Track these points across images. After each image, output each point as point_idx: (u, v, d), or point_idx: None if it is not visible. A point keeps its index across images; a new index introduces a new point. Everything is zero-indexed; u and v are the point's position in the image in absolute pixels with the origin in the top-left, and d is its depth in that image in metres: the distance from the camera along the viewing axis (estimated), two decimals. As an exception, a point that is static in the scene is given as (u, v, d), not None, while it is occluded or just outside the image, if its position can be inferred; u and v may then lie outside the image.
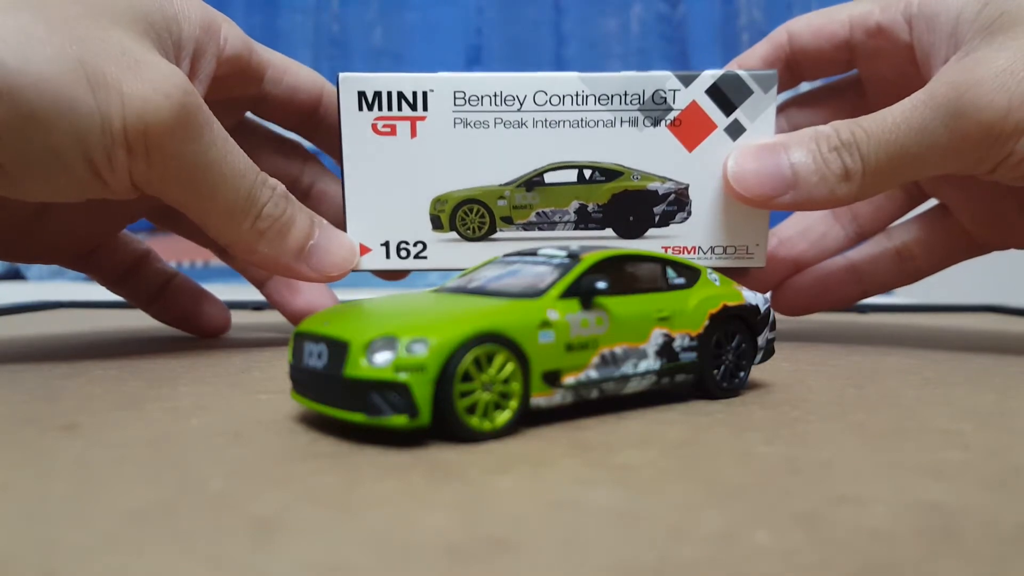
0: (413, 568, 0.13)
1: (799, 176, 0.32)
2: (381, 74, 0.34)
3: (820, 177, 0.32)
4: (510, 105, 0.33)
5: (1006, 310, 0.63)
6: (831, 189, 0.32)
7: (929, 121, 0.30)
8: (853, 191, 0.32)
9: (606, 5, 1.95)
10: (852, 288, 0.43)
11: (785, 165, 0.33)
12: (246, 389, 0.27)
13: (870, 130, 0.31)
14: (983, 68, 0.30)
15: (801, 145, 0.33)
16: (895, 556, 0.13)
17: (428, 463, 0.18)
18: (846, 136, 0.32)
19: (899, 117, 0.31)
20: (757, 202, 0.33)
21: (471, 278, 0.25)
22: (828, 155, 0.32)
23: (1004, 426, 0.22)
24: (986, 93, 0.29)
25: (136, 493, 0.16)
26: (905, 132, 0.31)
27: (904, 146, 0.31)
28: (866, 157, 0.31)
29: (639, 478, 0.17)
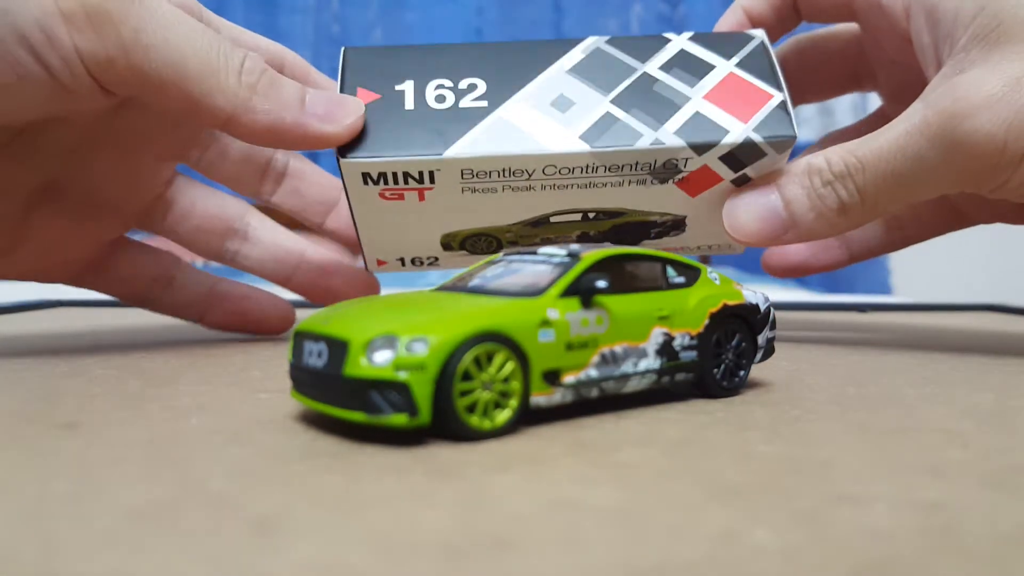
0: (413, 567, 0.13)
1: (795, 215, 0.32)
2: (384, 158, 0.31)
3: (817, 214, 0.32)
4: (519, 176, 0.32)
5: (1006, 310, 0.63)
6: (830, 223, 0.32)
7: (924, 151, 0.30)
8: (853, 222, 0.32)
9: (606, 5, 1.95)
10: (839, 253, 0.43)
11: (779, 206, 0.32)
12: (246, 388, 0.27)
13: (864, 159, 0.31)
14: (977, 94, 0.29)
15: (794, 182, 0.32)
16: (895, 555, 0.13)
17: (428, 462, 0.18)
18: (839, 168, 0.31)
19: (893, 144, 0.30)
20: (759, 244, 0.33)
21: (471, 277, 0.25)
22: (823, 191, 0.31)
23: (1004, 425, 0.22)
24: (982, 124, 0.29)
25: (136, 492, 0.16)
26: (900, 160, 0.30)
27: (899, 174, 0.30)
28: (862, 188, 0.31)
29: (639, 477, 0.17)
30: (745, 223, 0.33)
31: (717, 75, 0.33)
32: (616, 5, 1.88)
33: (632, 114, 0.32)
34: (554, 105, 0.32)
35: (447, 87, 0.32)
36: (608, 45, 0.33)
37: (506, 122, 0.31)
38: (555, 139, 0.31)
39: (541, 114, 0.31)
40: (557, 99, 0.32)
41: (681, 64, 0.33)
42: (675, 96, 0.32)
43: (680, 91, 0.32)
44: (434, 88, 0.32)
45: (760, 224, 0.32)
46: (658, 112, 0.32)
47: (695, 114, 0.32)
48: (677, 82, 0.33)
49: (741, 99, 0.32)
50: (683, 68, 0.33)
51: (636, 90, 0.32)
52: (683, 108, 0.32)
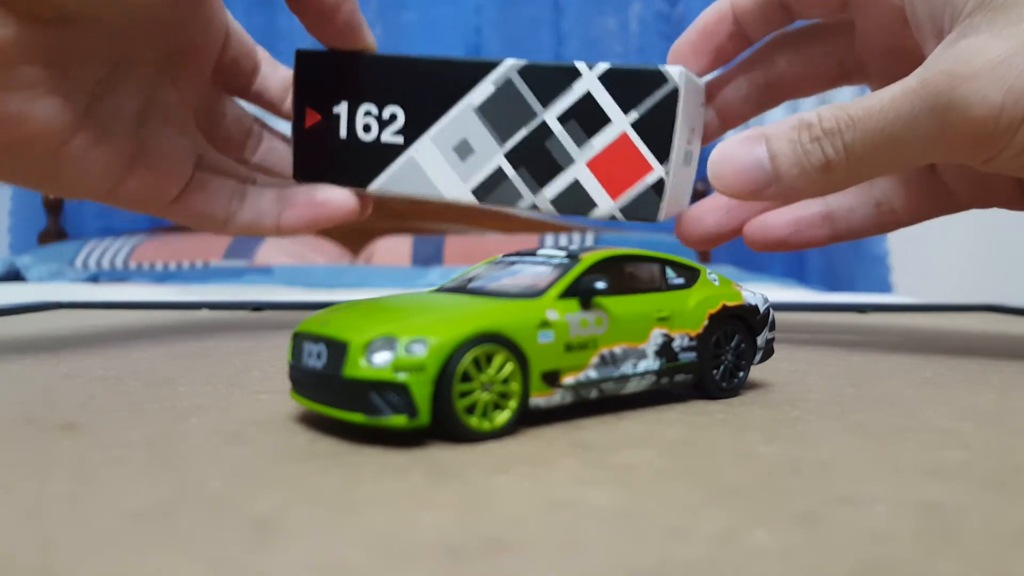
0: (412, 568, 0.13)
1: (779, 169, 0.31)
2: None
3: (800, 169, 0.31)
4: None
5: (1006, 310, 0.63)
6: (813, 181, 0.31)
7: (919, 112, 0.29)
8: (837, 181, 0.31)
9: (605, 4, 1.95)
10: (824, 232, 0.41)
11: (764, 158, 0.31)
12: (245, 389, 0.27)
13: (856, 117, 0.30)
14: (979, 58, 0.28)
15: (782, 135, 0.31)
16: (894, 556, 0.13)
17: (427, 463, 0.18)
18: (829, 124, 0.30)
19: (887, 104, 0.29)
20: (740, 197, 0.32)
21: (470, 278, 0.25)
22: (809, 146, 0.31)
23: (1004, 426, 0.22)
24: (981, 87, 0.28)
25: (135, 493, 0.16)
26: (893, 120, 0.29)
27: (891, 135, 0.29)
28: (849, 146, 0.30)
29: (638, 478, 0.17)
30: (728, 174, 0.32)
31: (609, 135, 0.32)
32: (615, 4, 1.88)
33: (519, 172, 0.32)
34: (456, 151, 0.33)
35: (373, 115, 0.34)
36: (519, 77, 0.33)
37: (415, 164, 0.34)
38: (452, 188, 0.33)
39: (444, 160, 0.34)
40: (459, 144, 0.33)
41: (579, 114, 0.32)
42: (562, 157, 0.32)
43: (568, 151, 0.32)
44: (363, 115, 0.35)
45: (743, 176, 0.31)
46: (542, 174, 0.32)
47: (574, 182, 0.32)
48: (568, 139, 0.32)
49: (622, 169, 0.32)
50: (580, 120, 0.32)
51: (529, 143, 0.33)
52: (565, 172, 0.32)
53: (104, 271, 1.45)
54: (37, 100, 0.30)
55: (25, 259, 1.42)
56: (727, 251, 1.79)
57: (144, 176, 0.35)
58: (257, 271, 1.28)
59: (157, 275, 1.38)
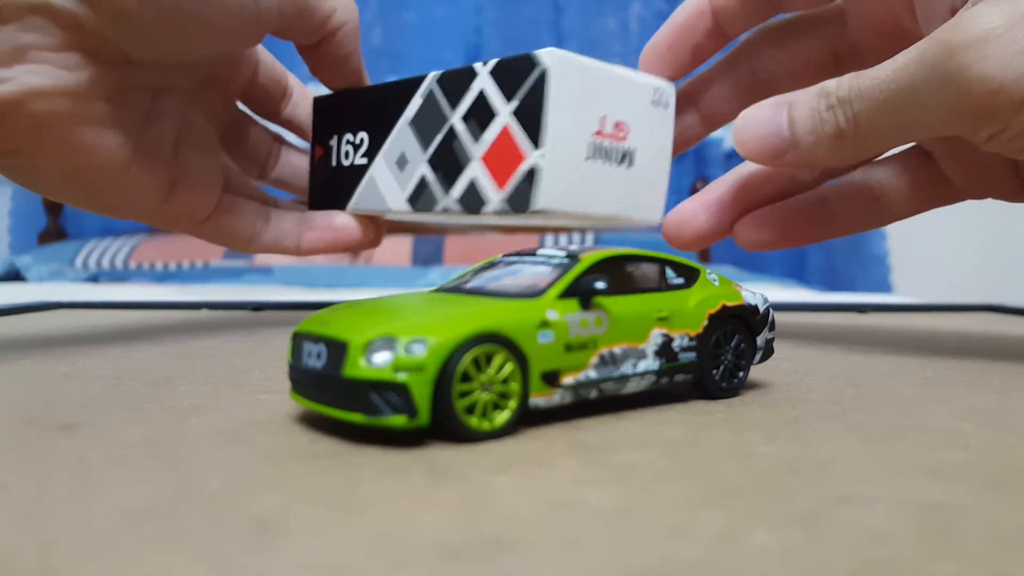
0: (412, 568, 0.13)
1: (797, 135, 0.31)
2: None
3: (816, 137, 0.31)
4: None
5: (1006, 310, 0.63)
6: (827, 149, 0.31)
7: (919, 83, 0.28)
8: (848, 151, 0.31)
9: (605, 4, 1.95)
10: (821, 228, 0.40)
11: (784, 124, 0.31)
12: (245, 389, 0.27)
13: (863, 87, 0.30)
14: (975, 27, 0.27)
15: (804, 102, 0.31)
16: (894, 556, 0.13)
17: (427, 463, 0.18)
18: (843, 93, 0.30)
19: (890, 75, 0.29)
20: (760, 162, 0.33)
21: (470, 278, 0.25)
22: (825, 114, 0.31)
23: (1004, 426, 0.22)
24: (975, 60, 0.27)
25: (135, 493, 0.16)
26: (895, 91, 0.29)
27: (894, 106, 0.29)
28: (857, 115, 0.30)
29: (638, 478, 0.17)
30: (748, 138, 0.32)
31: (495, 128, 0.32)
32: (615, 4, 1.88)
33: (437, 176, 0.33)
34: (398, 164, 0.35)
35: (350, 142, 0.38)
36: (437, 87, 0.34)
37: (373, 182, 0.36)
38: (395, 200, 0.35)
39: (390, 173, 0.36)
40: (399, 158, 0.35)
41: (476, 112, 0.32)
42: (463, 156, 0.33)
43: (468, 150, 0.32)
44: (345, 143, 0.38)
45: (763, 141, 0.32)
46: (451, 175, 0.33)
47: (472, 180, 0.32)
48: (468, 138, 0.33)
49: (506, 160, 0.31)
50: (476, 118, 0.32)
51: (443, 147, 0.33)
52: (466, 171, 0.32)
53: (104, 271, 1.45)
54: (105, 132, 0.32)
55: (25, 259, 1.42)
56: (727, 251, 1.79)
57: (181, 198, 0.37)
58: (257, 271, 1.28)
59: (157, 275, 1.38)
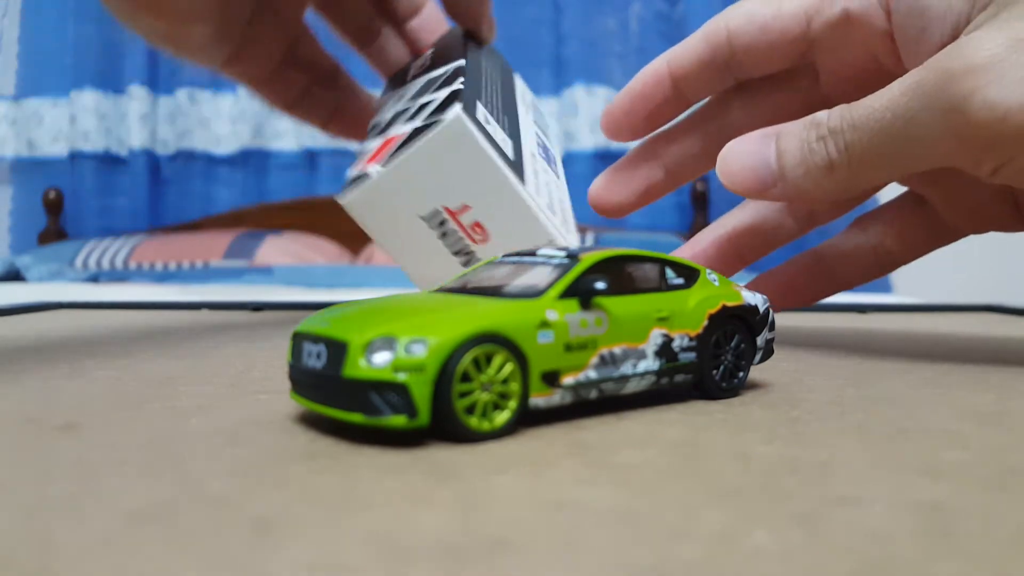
0: (412, 568, 0.13)
1: (784, 168, 0.30)
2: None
3: (805, 169, 0.30)
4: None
5: (1006, 310, 0.63)
6: (816, 182, 0.29)
7: (916, 111, 0.27)
8: (840, 184, 0.29)
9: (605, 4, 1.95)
10: (822, 286, 0.39)
11: (771, 156, 0.30)
12: (245, 389, 0.27)
13: (855, 117, 0.28)
14: (977, 54, 0.26)
15: (794, 133, 0.30)
16: (894, 556, 0.13)
17: (427, 463, 0.18)
18: (834, 123, 0.29)
19: (884, 103, 0.28)
20: (747, 195, 0.31)
21: (470, 278, 0.25)
22: (815, 145, 0.29)
23: (1004, 426, 0.22)
24: (979, 87, 0.25)
25: (135, 493, 0.16)
26: (890, 120, 0.27)
27: (889, 136, 0.28)
28: (850, 147, 0.28)
29: (638, 478, 0.17)
30: (735, 169, 0.31)
31: (392, 132, 0.36)
32: (615, 3, 1.88)
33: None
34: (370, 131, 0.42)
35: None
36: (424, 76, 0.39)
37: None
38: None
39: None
40: (372, 126, 0.42)
41: (411, 114, 0.37)
42: (366, 145, 0.38)
43: (371, 141, 0.38)
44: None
45: (750, 172, 0.31)
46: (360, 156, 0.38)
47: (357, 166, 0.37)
48: (381, 134, 0.38)
49: (369, 159, 0.35)
50: (404, 118, 0.37)
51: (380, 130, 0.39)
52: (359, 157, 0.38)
53: (104, 271, 1.45)
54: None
55: (25, 259, 1.42)
56: (727, 251, 1.79)
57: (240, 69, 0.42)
58: (257, 271, 1.28)
59: (157, 275, 1.38)
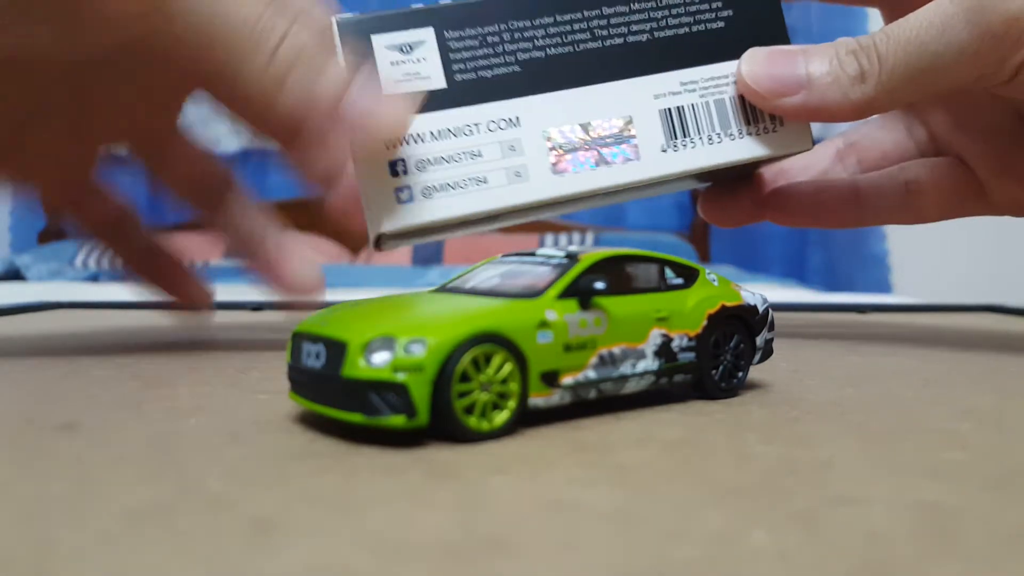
0: (411, 568, 0.13)
1: (812, 77, 0.31)
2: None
3: (833, 78, 0.31)
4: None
5: (1006, 310, 0.63)
6: (844, 92, 0.31)
7: (951, 17, 0.29)
8: (868, 94, 0.31)
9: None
10: (851, 211, 0.40)
11: (801, 67, 0.31)
12: (245, 389, 0.27)
13: (890, 31, 0.30)
14: None
15: (821, 52, 0.32)
16: (893, 556, 0.13)
17: (426, 463, 0.18)
18: (865, 41, 0.31)
19: (921, 15, 0.30)
20: (766, 99, 0.32)
21: (469, 278, 0.25)
22: (844, 57, 0.31)
23: (1003, 426, 0.22)
24: None
25: (134, 493, 0.16)
26: (926, 30, 0.30)
27: (924, 44, 0.30)
28: (883, 57, 0.30)
29: (637, 478, 0.17)
30: (760, 71, 0.31)
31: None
32: (616, 5, 1.87)
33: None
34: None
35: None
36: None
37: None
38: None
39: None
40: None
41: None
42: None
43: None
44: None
45: (775, 74, 0.31)
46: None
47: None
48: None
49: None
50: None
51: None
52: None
53: (104, 271, 1.45)
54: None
55: (25, 259, 1.42)
56: (727, 251, 1.79)
57: (24, 165, 0.35)
58: (257, 271, 1.28)
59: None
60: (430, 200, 0.31)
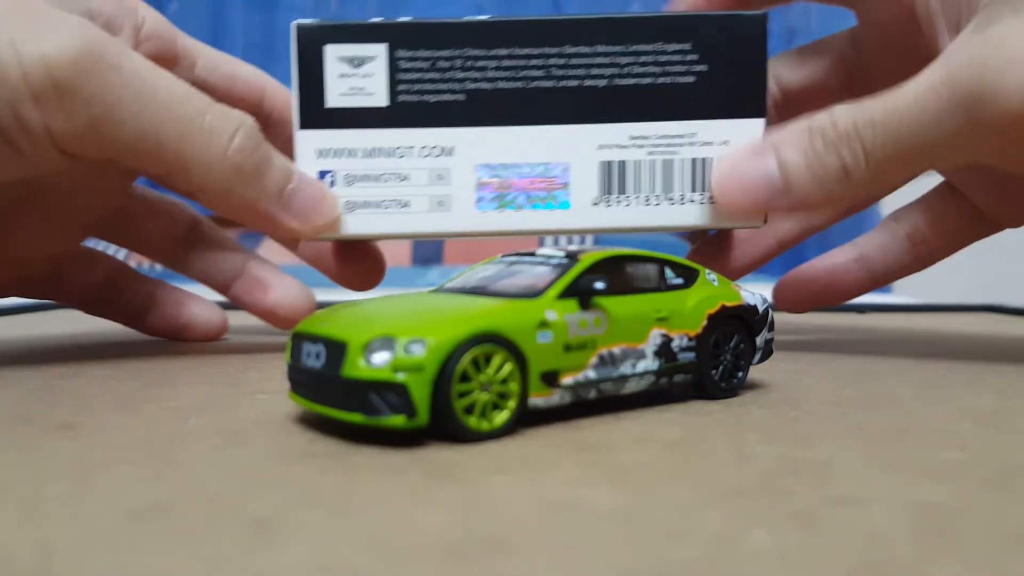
0: (411, 568, 0.13)
1: (790, 179, 0.29)
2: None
3: (814, 178, 0.29)
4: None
5: (1005, 310, 0.63)
6: (828, 190, 0.29)
7: (946, 107, 0.27)
8: (854, 188, 0.29)
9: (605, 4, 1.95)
10: (862, 279, 0.39)
11: (773, 169, 0.29)
12: (244, 389, 0.27)
13: (876, 118, 0.28)
14: (1010, 46, 0.26)
15: (792, 144, 0.29)
16: (893, 556, 0.13)
17: (426, 463, 0.18)
18: (845, 126, 0.28)
19: (911, 101, 0.27)
20: (747, 212, 0.31)
21: (469, 278, 0.25)
22: (823, 152, 0.28)
23: (1003, 426, 0.22)
24: (1013, 77, 0.26)
25: (134, 493, 0.16)
26: (918, 118, 0.27)
27: (917, 134, 0.27)
28: (870, 151, 0.28)
29: (637, 478, 0.17)
30: (735, 191, 0.30)
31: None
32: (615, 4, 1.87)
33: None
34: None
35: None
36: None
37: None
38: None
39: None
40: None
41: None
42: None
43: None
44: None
45: (751, 191, 0.30)
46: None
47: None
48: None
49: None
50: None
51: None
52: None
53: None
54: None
55: (25, 259, 1.42)
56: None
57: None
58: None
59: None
60: (351, 214, 0.32)
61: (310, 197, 0.30)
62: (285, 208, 0.30)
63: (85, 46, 0.26)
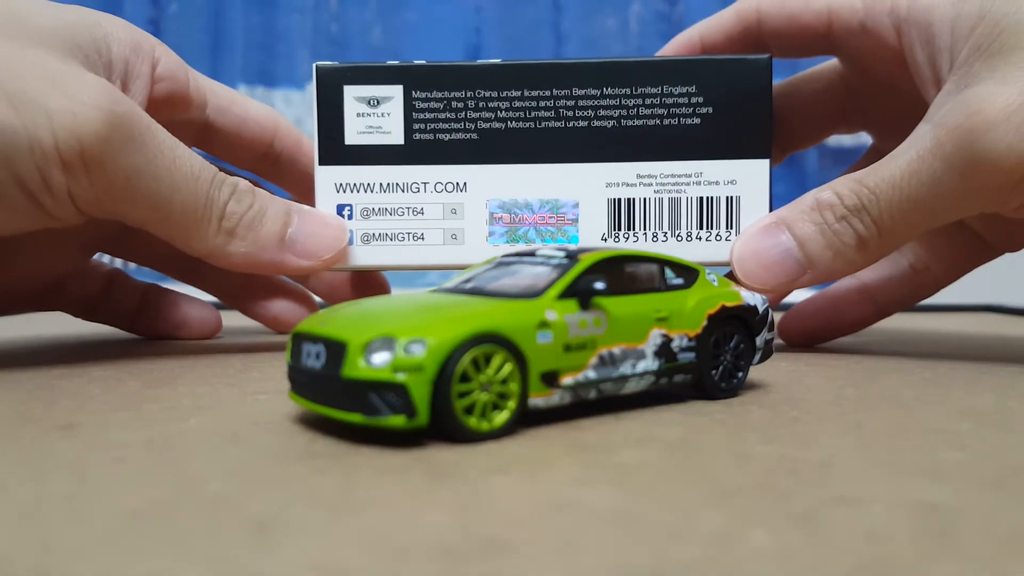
0: (411, 568, 0.13)
1: (811, 255, 0.31)
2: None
3: (834, 251, 0.30)
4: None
5: (1005, 310, 0.63)
6: (848, 260, 0.30)
7: (940, 173, 0.28)
8: (873, 255, 0.31)
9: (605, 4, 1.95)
10: (866, 310, 0.40)
11: (792, 247, 0.31)
12: (244, 389, 0.27)
13: (877, 189, 0.29)
14: (991, 107, 0.27)
15: (803, 219, 0.31)
16: (892, 556, 0.13)
17: (426, 463, 0.18)
18: (851, 201, 0.30)
19: (905, 170, 0.29)
20: (774, 291, 0.32)
21: (469, 278, 0.25)
22: (837, 226, 0.30)
23: (1003, 426, 0.22)
24: (1000, 138, 0.27)
25: (134, 493, 0.16)
26: (916, 186, 0.29)
27: (916, 200, 0.29)
28: (878, 220, 0.30)
29: (637, 478, 0.17)
30: (757, 270, 0.31)
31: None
32: (615, 4, 1.87)
33: None
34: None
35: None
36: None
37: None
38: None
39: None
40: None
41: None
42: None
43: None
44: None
45: (774, 270, 0.31)
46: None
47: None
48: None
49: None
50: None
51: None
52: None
53: (104, 271, 1.44)
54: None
55: (25, 259, 1.42)
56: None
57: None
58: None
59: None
60: (367, 247, 0.33)
61: (312, 234, 0.32)
62: (290, 251, 0.32)
63: (115, 121, 0.27)
